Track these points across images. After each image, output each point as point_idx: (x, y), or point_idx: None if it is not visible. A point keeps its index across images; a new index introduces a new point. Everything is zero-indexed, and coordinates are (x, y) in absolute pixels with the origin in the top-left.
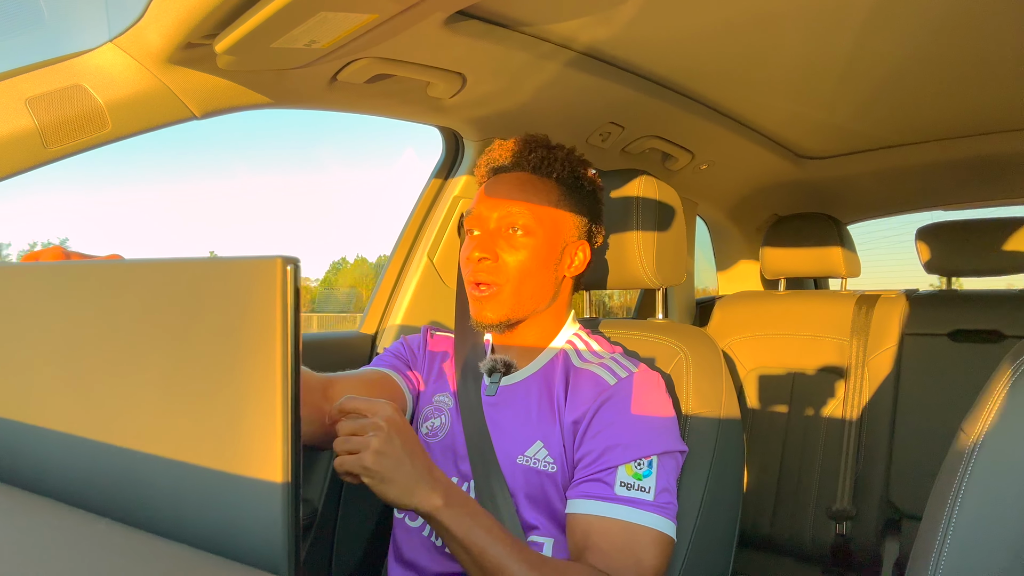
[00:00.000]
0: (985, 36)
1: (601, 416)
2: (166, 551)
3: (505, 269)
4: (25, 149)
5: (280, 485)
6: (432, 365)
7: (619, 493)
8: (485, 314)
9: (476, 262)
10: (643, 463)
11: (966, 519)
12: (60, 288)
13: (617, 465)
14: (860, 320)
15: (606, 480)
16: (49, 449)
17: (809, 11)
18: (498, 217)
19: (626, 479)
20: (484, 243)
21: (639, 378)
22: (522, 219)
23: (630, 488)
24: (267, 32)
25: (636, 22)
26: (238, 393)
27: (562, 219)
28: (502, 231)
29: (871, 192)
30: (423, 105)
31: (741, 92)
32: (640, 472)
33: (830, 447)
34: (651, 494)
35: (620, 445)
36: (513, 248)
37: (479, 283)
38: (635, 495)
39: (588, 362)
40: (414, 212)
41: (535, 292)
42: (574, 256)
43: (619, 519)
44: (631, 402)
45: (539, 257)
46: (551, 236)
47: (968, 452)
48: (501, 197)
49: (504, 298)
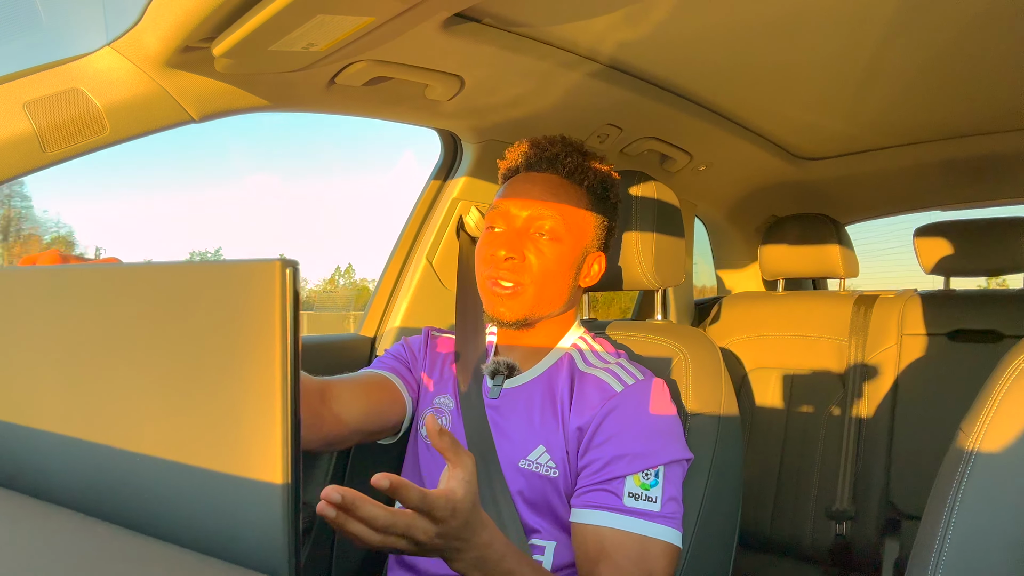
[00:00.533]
0: (983, 37)
1: (608, 425)
2: (166, 555)
3: (529, 270)
4: (23, 153)
5: (280, 488)
6: (433, 367)
7: (628, 504)
8: (501, 311)
9: (502, 260)
10: (650, 473)
11: (966, 519)
12: (60, 292)
13: (625, 475)
14: (859, 320)
15: (614, 491)
16: (49, 453)
17: (808, 14)
18: (527, 217)
19: (634, 489)
20: (512, 242)
21: (646, 386)
22: (551, 222)
23: (638, 499)
24: (264, 35)
25: (634, 24)
26: (238, 396)
27: (588, 228)
28: (528, 232)
29: (869, 193)
30: (421, 108)
31: (739, 93)
32: (647, 482)
33: (829, 447)
34: (658, 504)
35: (628, 456)
36: (539, 250)
37: (500, 279)
38: (644, 506)
39: (593, 366)
40: (412, 214)
41: (554, 297)
42: (591, 266)
43: (631, 532)
44: (638, 410)
45: (564, 263)
46: (576, 244)
47: (967, 452)
48: (533, 197)
49: (526, 299)
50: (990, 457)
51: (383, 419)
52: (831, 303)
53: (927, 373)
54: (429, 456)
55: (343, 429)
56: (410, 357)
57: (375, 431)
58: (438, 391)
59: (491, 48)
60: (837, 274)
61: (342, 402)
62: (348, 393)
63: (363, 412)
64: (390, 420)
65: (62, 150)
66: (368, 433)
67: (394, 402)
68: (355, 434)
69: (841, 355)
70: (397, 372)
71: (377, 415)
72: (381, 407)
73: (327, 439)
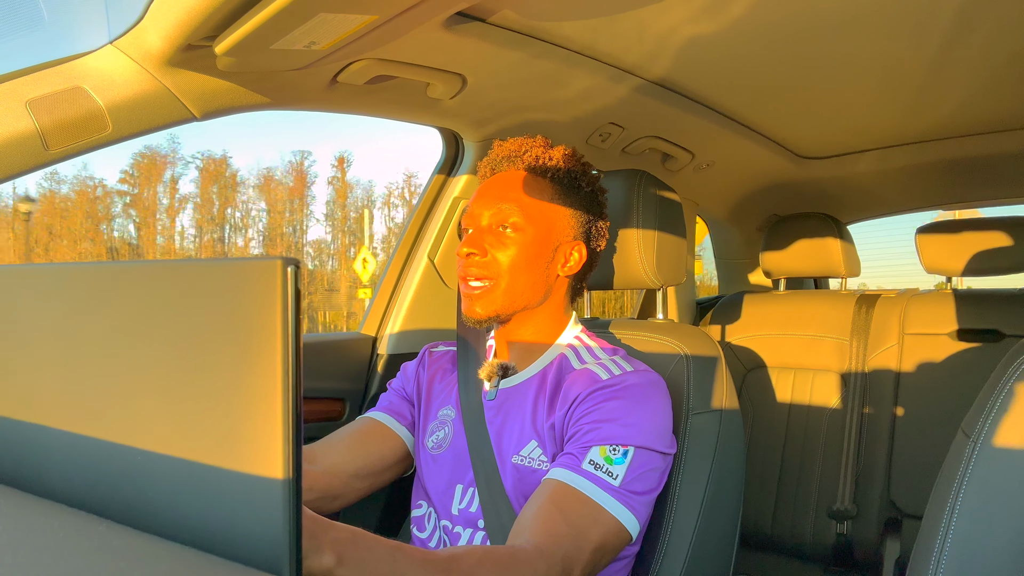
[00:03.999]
0: (985, 36)
1: (586, 403)
2: (167, 553)
3: (495, 266)
4: (26, 151)
5: (282, 487)
6: (433, 382)
7: (584, 468)
8: (475, 309)
9: (465, 257)
10: (618, 449)
11: (967, 518)
12: (61, 289)
13: (591, 445)
14: (860, 320)
15: (576, 454)
16: (50, 451)
17: (807, 14)
18: (490, 215)
19: (597, 459)
20: (474, 239)
21: (635, 376)
22: (512, 216)
23: (597, 468)
24: (267, 34)
25: (636, 24)
26: (239, 395)
27: (556, 218)
28: (493, 228)
29: (871, 192)
30: (423, 106)
31: (741, 93)
32: (612, 457)
33: (831, 447)
34: (617, 480)
35: (598, 428)
36: (502, 245)
37: (469, 279)
38: (600, 475)
39: (586, 363)
40: (415, 213)
41: (526, 289)
42: (568, 256)
43: (577, 489)
44: (619, 394)
45: (529, 254)
46: (543, 234)
47: (969, 451)
48: (493, 195)
49: (496, 295)
50: (991, 457)
51: (380, 460)
52: (833, 302)
53: (928, 373)
54: (433, 467)
55: (337, 481)
56: (404, 382)
57: (378, 471)
58: (442, 404)
59: (493, 47)
60: (839, 273)
61: (330, 457)
62: (334, 448)
63: (352, 459)
64: (388, 459)
65: (64, 148)
66: (371, 476)
67: (384, 441)
68: (354, 480)
69: (842, 354)
70: (387, 409)
71: (369, 457)
72: (369, 449)
73: (326, 493)
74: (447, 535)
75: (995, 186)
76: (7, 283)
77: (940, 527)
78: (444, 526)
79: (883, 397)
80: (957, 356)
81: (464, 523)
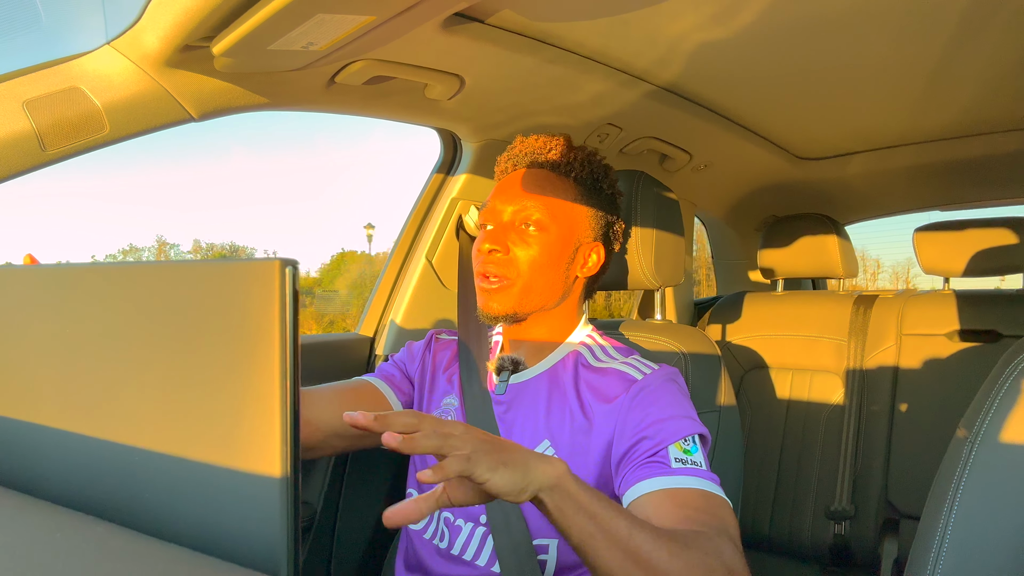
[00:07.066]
0: (984, 38)
1: (638, 407)
2: (167, 554)
3: (515, 263)
4: (23, 151)
5: (280, 488)
6: (437, 369)
7: (676, 467)
8: (491, 305)
9: (486, 254)
10: (689, 440)
11: (964, 519)
12: (61, 290)
13: (666, 446)
14: (858, 320)
15: (661, 460)
16: (49, 451)
17: (806, 15)
18: (512, 211)
19: (679, 455)
20: (496, 236)
21: (665, 372)
22: (536, 214)
23: (684, 463)
24: (264, 34)
25: (634, 25)
26: (238, 395)
27: (578, 218)
28: (515, 225)
29: (869, 193)
30: (421, 107)
31: (739, 93)
32: (688, 448)
33: (828, 447)
34: (703, 467)
35: (664, 429)
36: (525, 243)
37: (488, 275)
38: (691, 468)
39: (607, 360)
40: (412, 213)
41: (544, 289)
42: (588, 257)
43: (691, 488)
44: (663, 390)
45: (551, 254)
46: (565, 234)
47: (966, 452)
48: (517, 191)
49: (513, 292)
50: (989, 457)
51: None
52: (831, 303)
53: (926, 373)
54: (422, 464)
55: (317, 434)
56: (407, 360)
57: (361, 435)
58: (444, 392)
59: (491, 48)
60: (837, 274)
61: (314, 408)
62: (321, 400)
63: (337, 416)
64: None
65: (61, 149)
66: (350, 438)
67: (376, 407)
68: (333, 438)
69: (840, 355)
70: (387, 378)
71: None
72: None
73: (302, 444)
74: (447, 527)
75: (994, 186)
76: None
77: (938, 526)
78: (445, 518)
79: (881, 397)
80: (955, 357)
81: (465, 517)
